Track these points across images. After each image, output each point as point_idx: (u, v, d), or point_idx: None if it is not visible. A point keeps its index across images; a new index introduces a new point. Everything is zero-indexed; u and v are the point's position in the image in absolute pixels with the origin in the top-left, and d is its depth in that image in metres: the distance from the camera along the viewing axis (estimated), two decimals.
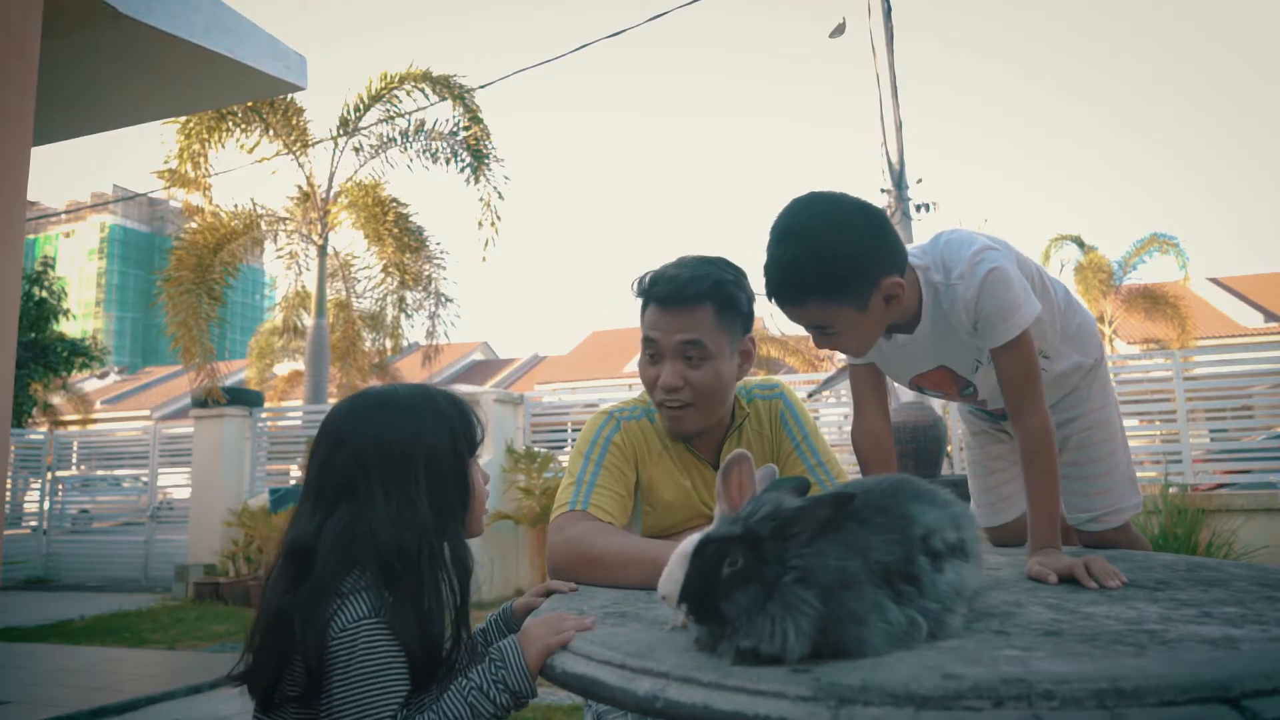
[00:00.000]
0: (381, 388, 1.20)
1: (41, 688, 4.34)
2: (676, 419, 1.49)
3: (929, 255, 1.40)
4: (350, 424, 1.13)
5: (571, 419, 8.12)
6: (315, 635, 0.99)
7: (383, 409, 1.14)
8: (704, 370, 1.46)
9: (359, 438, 1.11)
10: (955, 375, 1.52)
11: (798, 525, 0.79)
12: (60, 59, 3.14)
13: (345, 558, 1.04)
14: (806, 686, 0.68)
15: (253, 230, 9.99)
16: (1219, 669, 0.66)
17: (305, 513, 1.11)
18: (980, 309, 1.33)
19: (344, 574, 1.03)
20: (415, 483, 1.09)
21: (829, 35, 9.00)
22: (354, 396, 1.18)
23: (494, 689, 0.99)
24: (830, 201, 1.27)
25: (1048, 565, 1.16)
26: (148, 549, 9.13)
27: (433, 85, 10.08)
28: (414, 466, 1.10)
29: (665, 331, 1.46)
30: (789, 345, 15.26)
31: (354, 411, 1.15)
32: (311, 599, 1.02)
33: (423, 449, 1.11)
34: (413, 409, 1.14)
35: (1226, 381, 6.54)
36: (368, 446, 1.10)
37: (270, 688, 1.04)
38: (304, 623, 1.00)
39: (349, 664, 0.98)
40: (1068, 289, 1.63)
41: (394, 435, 1.11)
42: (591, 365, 23.25)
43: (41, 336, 15.95)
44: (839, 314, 1.27)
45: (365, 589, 1.02)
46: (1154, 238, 16.20)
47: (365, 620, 1.00)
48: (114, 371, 34.84)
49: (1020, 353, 1.33)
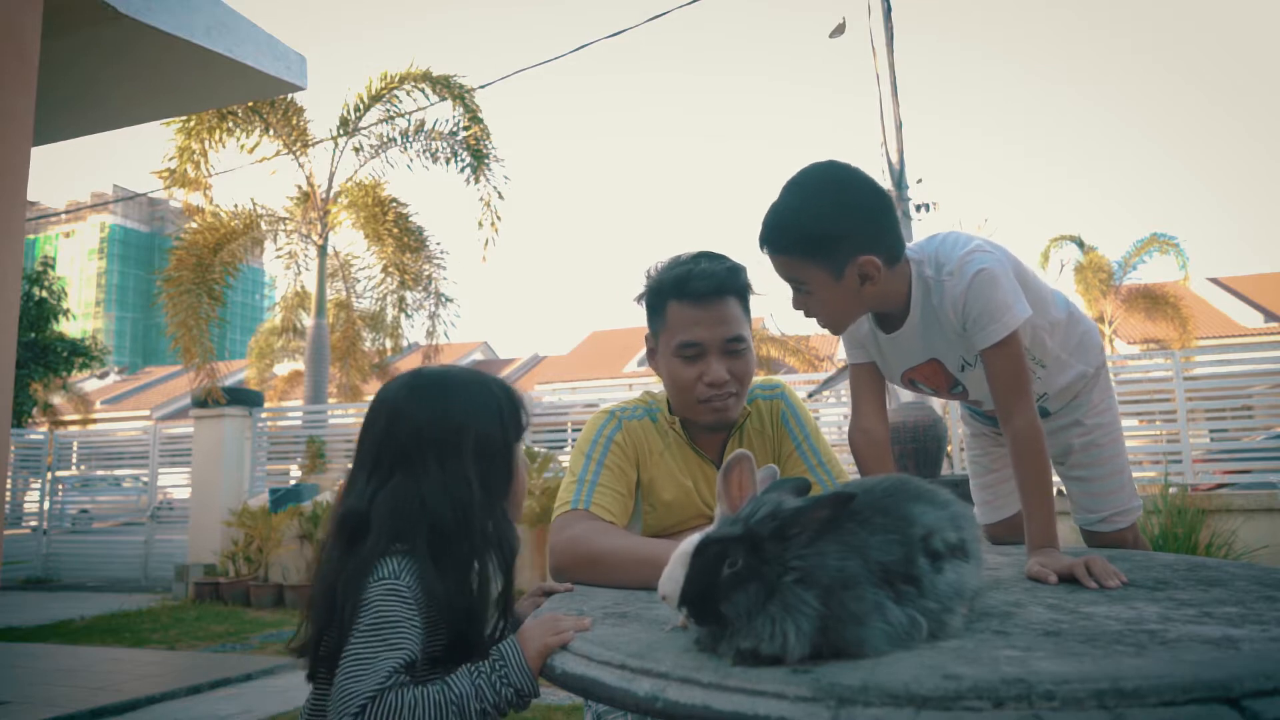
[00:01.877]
0: (436, 368, 1.24)
1: (41, 688, 4.33)
2: (723, 410, 1.50)
3: (925, 251, 1.42)
4: (407, 400, 1.17)
5: (571, 419, 8.12)
6: (354, 597, 1.02)
7: (439, 387, 1.18)
8: (745, 360, 1.50)
9: (416, 413, 1.15)
10: (946, 371, 1.53)
11: (798, 526, 0.79)
12: (60, 59, 3.14)
13: (396, 527, 1.07)
14: (806, 687, 0.68)
15: (253, 230, 9.98)
16: (1219, 669, 0.66)
17: (359, 484, 1.14)
18: (968, 308, 1.34)
19: (393, 543, 1.06)
20: (467, 458, 1.13)
21: (829, 35, 9.01)
22: (409, 374, 1.22)
23: (499, 681, 1.00)
24: (840, 170, 1.32)
25: (1047, 565, 1.16)
26: (148, 549, 9.13)
27: (433, 85, 10.08)
28: (466, 443, 1.13)
29: (709, 328, 1.46)
30: (789, 345, 15.26)
31: (410, 389, 1.18)
32: (361, 566, 1.05)
33: (475, 428, 1.15)
34: (467, 390, 1.18)
35: (1226, 381, 6.53)
36: (424, 421, 1.14)
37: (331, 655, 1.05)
38: (347, 586, 1.03)
39: (363, 616, 1.00)
40: (1069, 300, 1.64)
41: (449, 412, 1.15)
42: (591, 365, 23.25)
43: (41, 336, 15.96)
44: (813, 275, 1.31)
45: (400, 554, 1.05)
46: (1154, 238, 16.20)
47: (387, 579, 1.03)
48: (114, 371, 34.84)
49: (1008, 353, 1.33)
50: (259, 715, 3.84)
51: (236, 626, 6.14)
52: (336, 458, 8.44)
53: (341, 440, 8.63)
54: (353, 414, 10.04)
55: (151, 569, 9.00)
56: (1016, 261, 1.45)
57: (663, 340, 1.51)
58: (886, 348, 1.50)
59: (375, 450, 1.15)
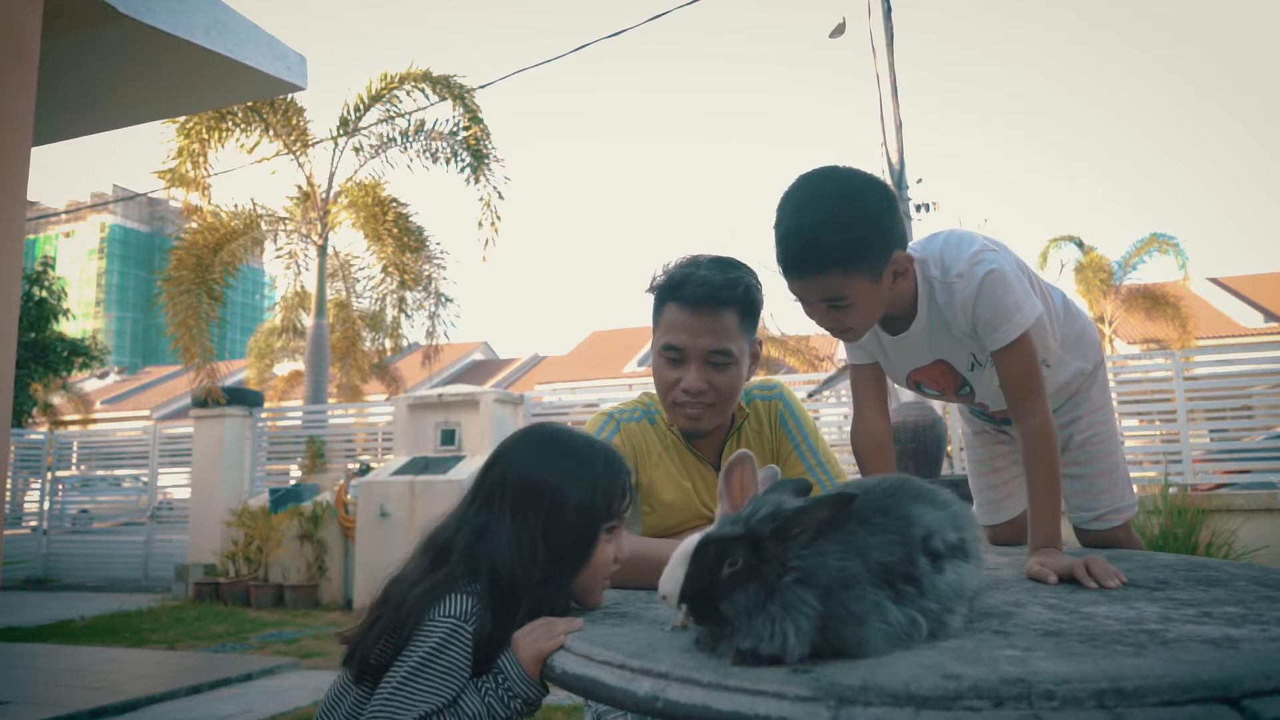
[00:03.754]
0: (562, 428, 1.23)
1: (41, 688, 4.33)
2: (696, 418, 1.49)
3: (928, 250, 1.40)
4: (514, 446, 1.19)
5: (571, 419, 8.13)
6: (417, 615, 1.03)
7: (543, 444, 1.19)
8: (728, 374, 1.46)
9: (511, 460, 1.17)
10: (953, 370, 1.52)
11: (798, 526, 0.79)
12: (60, 59, 3.13)
13: (472, 563, 1.08)
14: (806, 686, 0.68)
15: (253, 230, 9.98)
16: (1219, 669, 0.66)
17: (460, 510, 1.17)
18: (979, 310, 1.33)
19: (467, 577, 1.07)
20: (538, 520, 1.11)
21: (829, 35, 9.01)
22: (535, 426, 1.24)
23: (506, 695, 1.01)
24: (846, 174, 1.30)
25: (1047, 565, 1.16)
26: (148, 549, 9.13)
27: (433, 85, 10.08)
28: (542, 505, 1.12)
29: (693, 335, 1.44)
30: (789, 345, 15.24)
31: (523, 435, 1.21)
32: (433, 589, 1.05)
33: (556, 491, 1.13)
34: (567, 453, 1.17)
35: (1226, 381, 6.53)
36: (513, 471, 1.15)
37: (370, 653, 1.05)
38: (415, 603, 1.04)
39: (418, 647, 1.00)
40: (1065, 295, 1.63)
41: (537, 469, 1.15)
42: (591, 365, 23.24)
43: (41, 336, 15.95)
44: (855, 284, 1.27)
45: (476, 594, 1.05)
46: (1154, 238, 16.20)
47: (454, 619, 1.02)
48: (114, 371, 34.83)
49: (1022, 353, 1.33)
50: (259, 715, 3.84)
51: (236, 626, 6.14)
52: (336, 458, 8.44)
53: (341, 440, 8.63)
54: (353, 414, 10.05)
55: (151, 569, 9.00)
56: (1015, 256, 1.45)
57: (655, 337, 1.52)
58: (891, 350, 1.49)
59: (477, 484, 1.18)
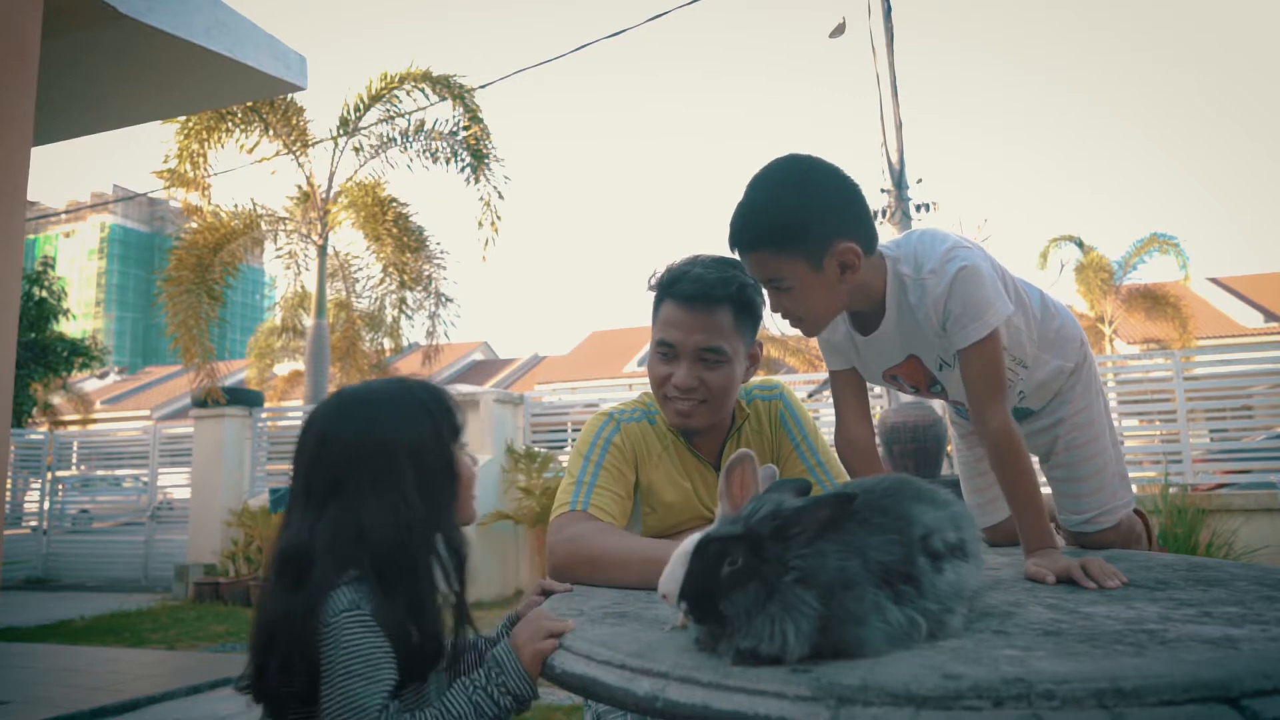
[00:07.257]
0: (358, 385, 1.20)
1: (41, 688, 4.33)
2: (685, 415, 1.49)
3: (902, 248, 1.40)
4: (333, 424, 1.13)
5: (571, 419, 8.12)
6: (310, 634, 1.00)
7: (363, 406, 1.14)
8: (719, 373, 1.47)
9: (343, 436, 1.11)
10: (925, 367, 1.51)
11: (798, 525, 0.79)
12: (60, 59, 3.14)
13: (341, 558, 1.04)
14: (806, 686, 0.68)
15: (252, 230, 9.98)
16: (1219, 669, 0.66)
17: (295, 518, 1.10)
18: (950, 305, 1.32)
19: (341, 574, 1.04)
20: (403, 475, 1.09)
21: (829, 35, 9.01)
22: (333, 396, 1.19)
23: (496, 691, 1.00)
24: (803, 160, 1.29)
25: (1045, 566, 1.16)
26: (148, 549, 9.13)
27: (433, 85, 10.08)
28: (400, 459, 1.10)
29: (685, 332, 1.45)
30: (789, 345, 15.24)
31: (335, 411, 1.15)
32: (310, 601, 1.02)
33: (407, 441, 1.11)
34: (392, 403, 1.14)
35: (1226, 381, 6.54)
36: (353, 444, 1.10)
37: (276, 692, 1.04)
38: (297, 624, 1.01)
39: (333, 657, 0.99)
40: (1043, 292, 1.61)
41: (378, 431, 1.11)
42: (591, 365, 23.23)
43: (41, 336, 15.95)
44: (791, 267, 1.27)
45: (352, 582, 1.03)
46: (1154, 238, 16.20)
47: (344, 612, 1.00)
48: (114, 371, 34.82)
49: (986, 352, 1.31)
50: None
51: (236, 626, 6.13)
52: None
53: None
54: None
55: (151, 569, 9.00)
56: (993, 259, 1.44)
57: (652, 332, 1.53)
58: (864, 349, 1.49)
59: (307, 478, 1.11)
